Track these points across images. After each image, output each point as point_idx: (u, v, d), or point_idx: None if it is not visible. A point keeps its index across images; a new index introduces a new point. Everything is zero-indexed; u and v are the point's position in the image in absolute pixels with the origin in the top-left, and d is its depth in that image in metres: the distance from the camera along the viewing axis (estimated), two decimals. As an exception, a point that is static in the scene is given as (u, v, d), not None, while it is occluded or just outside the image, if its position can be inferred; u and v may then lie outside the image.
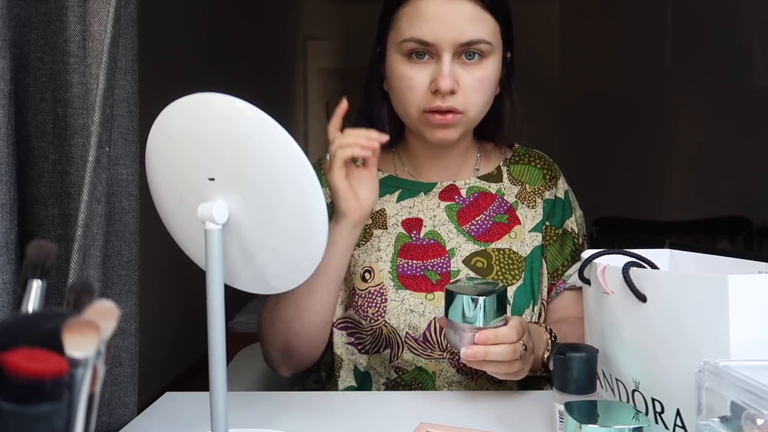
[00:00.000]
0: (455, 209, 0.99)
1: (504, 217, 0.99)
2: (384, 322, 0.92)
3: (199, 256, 0.67)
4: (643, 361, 0.63)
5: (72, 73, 0.72)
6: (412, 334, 0.92)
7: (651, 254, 0.69)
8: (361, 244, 0.97)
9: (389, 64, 0.93)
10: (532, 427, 0.75)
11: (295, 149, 0.60)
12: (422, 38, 0.87)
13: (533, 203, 1.01)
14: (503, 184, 1.02)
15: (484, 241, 0.97)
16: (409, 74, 0.90)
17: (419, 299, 0.93)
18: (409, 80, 0.90)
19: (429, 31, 0.87)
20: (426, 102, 0.89)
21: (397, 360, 0.94)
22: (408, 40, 0.89)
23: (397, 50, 0.91)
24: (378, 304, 0.93)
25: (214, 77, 3.03)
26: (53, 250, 0.50)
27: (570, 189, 1.06)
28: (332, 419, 0.80)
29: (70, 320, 0.40)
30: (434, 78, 0.88)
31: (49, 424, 0.38)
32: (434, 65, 0.89)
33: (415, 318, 0.92)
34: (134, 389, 0.81)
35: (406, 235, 0.97)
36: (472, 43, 0.87)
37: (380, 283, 0.94)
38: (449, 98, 0.88)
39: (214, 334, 0.63)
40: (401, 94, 0.91)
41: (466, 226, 0.98)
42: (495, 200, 1.01)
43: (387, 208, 1.00)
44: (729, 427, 0.47)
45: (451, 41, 0.87)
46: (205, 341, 0.63)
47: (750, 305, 0.54)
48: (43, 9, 0.72)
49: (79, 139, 0.73)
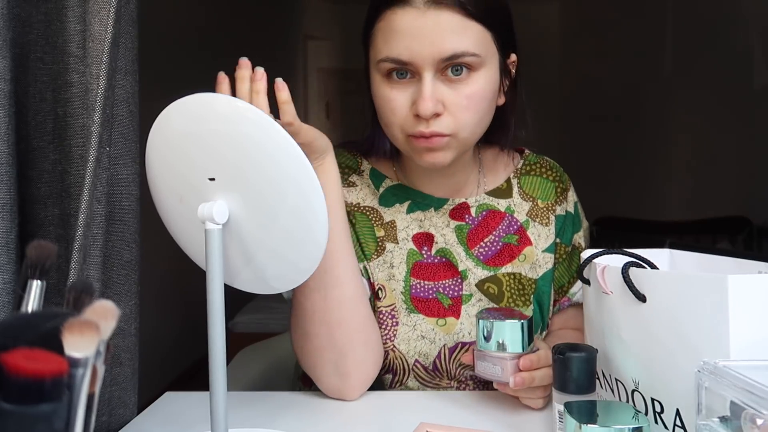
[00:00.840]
0: (465, 230, 0.94)
1: (514, 237, 0.94)
2: (393, 346, 0.89)
3: (199, 256, 0.67)
4: (642, 361, 0.63)
5: (72, 73, 0.72)
6: (422, 362, 0.89)
7: (651, 254, 0.69)
8: (374, 258, 0.92)
9: (372, 84, 0.86)
10: (532, 427, 0.75)
11: (295, 149, 0.60)
12: (397, 57, 0.79)
13: (546, 220, 0.96)
14: (513, 200, 0.97)
15: (493, 265, 0.93)
16: (389, 96, 0.82)
17: (431, 325, 0.89)
18: (389, 102, 0.82)
19: (404, 48, 0.78)
20: (409, 126, 0.81)
21: (399, 386, 0.91)
22: (383, 60, 0.80)
23: (376, 70, 0.83)
24: (389, 326, 0.89)
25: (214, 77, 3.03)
26: (53, 250, 0.50)
27: (578, 200, 1.01)
28: (332, 419, 0.80)
29: (69, 320, 0.40)
30: (415, 100, 0.80)
31: (48, 424, 0.38)
32: (416, 85, 0.80)
33: (425, 345, 0.89)
34: (134, 389, 0.81)
35: (416, 252, 0.93)
36: (455, 56, 0.78)
37: (392, 304, 0.90)
38: (433, 122, 0.80)
39: (214, 334, 0.63)
40: (384, 117, 0.84)
41: (475, 249, 0.93)
42: (504, 219, 0.95)
43: (397, 220, 0.94)
44: (728, 427, 0.47)
45: (430, 58, 0.78)
46: (205, 341, 0.63)
47: (750, 305, 0.54)
48: (44, 9, 0.72)
49: (79, 139, 0.73)
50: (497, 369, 0.76)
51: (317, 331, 0.83)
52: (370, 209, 0.95)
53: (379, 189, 0.96)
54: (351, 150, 0.99)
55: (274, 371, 1.23)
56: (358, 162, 0.98)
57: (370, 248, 0.93)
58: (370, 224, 0.94)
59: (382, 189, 0.96)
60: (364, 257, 0.92)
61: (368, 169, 0.97)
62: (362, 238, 0.93)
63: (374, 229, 0.94)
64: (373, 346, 0.86)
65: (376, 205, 0.95)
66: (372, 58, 0.84)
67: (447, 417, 0.78)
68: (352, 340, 0.83)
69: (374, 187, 0.96)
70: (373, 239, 0.93)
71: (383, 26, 0.81)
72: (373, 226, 0.94)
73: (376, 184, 0.97)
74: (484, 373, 0.78)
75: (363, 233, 0.93)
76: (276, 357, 1.26)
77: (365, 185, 0.96)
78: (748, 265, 0.68)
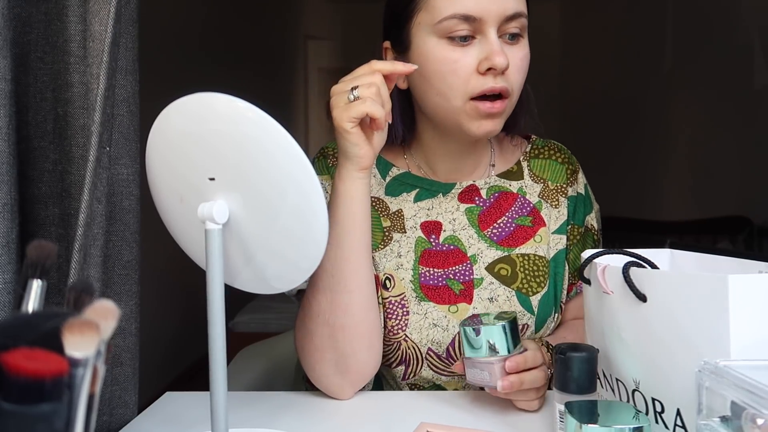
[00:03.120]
0: (476, 212, 0.94)
1: (527, 219, 0.94)
2: (405, 336, 0.88)
3: (200, 255, 0.67)
4: (643, 361, 0.63)
5: (72, 73, 0.72)
6: (435, 351, 0.88)
7: (651, 254, 0.69)
8: (380, 248, 0.92)
9: (422, 51, 0.83)
10: (532, 427, 0.75)
11: (295, 149, 0.60)
12: (467, 13, 0.79)
13: (556, 202, 0.96)
14: (524, 181, 0.97)
15: (507, 246, 0.93)
16: (453, 57, 0.81)
17: (442, 312, 0.89)
18: (453, 63, 0.81)
19: (474, 4, 0.79)
20: (475, 86, 0.81)
21: (413, 377, 0.90)
22: (449, 17, 0.80)
23: (432, 33, 0.82)
24: (399, 316, 0.89)
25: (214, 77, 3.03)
26: (53, 249, 0.50)
27: (587, 182, 1.01)
28: (332, 419, 0.80)
29: (70, 320, 0.40)
30: (484, 57, 0.80)
31: (49, 424, 0.37)
32: (478, 46, 0.81)
33: (438, 333, 0.88)
34: (135, 389, 0.81)
35: (425, 239, 0.92)
36: (517, 15, 0.81)
37: (401, 293, 0.90)
38: (500, 78, 0.81)
39: (215, 333, 0.63)
40: (443, 82, 0.82)
41: (488, 230, 0.93)
42: (517, 200, 0.95)
43: (404, 209, 0.94)
44: (729, 427, 0.47)
45: (497, 14, 0.80)
46: (205, 341, 0.63)
47: (750, 305, 0.54)
48: (44, 9, 0.72)
49: (79, 139, 0.73)
50: (485, 374, 0.76)
51: (320, 331, 0.83)
52: (376, 200, 0.95)
53: (385, 178, 0.96)
54: None
55: (275, 371, 1.23)
56: None
57: (376, 238, 0.92)
58: (376, 215, 0.94)
59: (388, 178, 0.96)
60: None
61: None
62: None
63: (380, 220, 0.94)
64: (377, 350, 0.86)
65: (382, 195, 0.95)
66: (425, 21, 0.83)
67: (447, 417, 0.78)
68: (356, 345, 0.83)
69: (381, 176, 0.97)
70: (380, 229, 0.93)
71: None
72: (380, 216, 0.94)
73: (382, 173, 0.97)
74: (474, 380, 0.77)
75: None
76: (276, 357, 1.26)
77: (371, 175, 0.95)
78: (748, 265, 0.67)
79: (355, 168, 0.80)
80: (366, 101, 0.75)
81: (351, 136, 0.78)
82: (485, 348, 0.75)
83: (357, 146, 0.78)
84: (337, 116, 0.77)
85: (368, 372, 0.86)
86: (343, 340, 0.82)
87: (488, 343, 0.75)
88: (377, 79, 0.77)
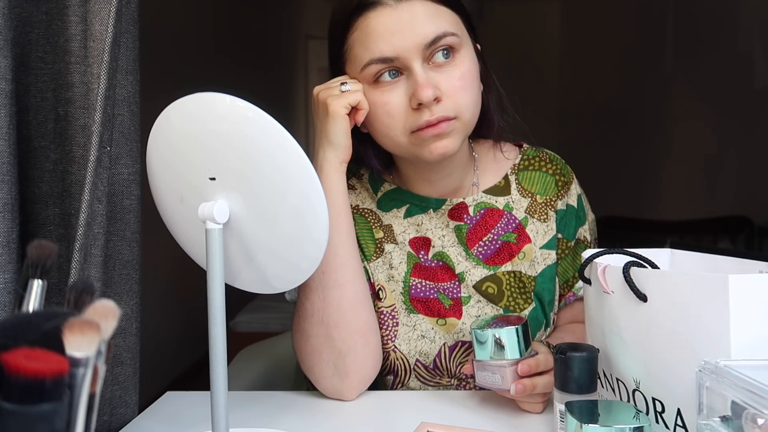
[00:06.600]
0: (464, 230, 0.93)
1: (513, 236, 0.93)
2: (393, 346, 0.89)
3: (200, 255, 0.67)
4: (643, 361, 0.63)
5: (73, 73, 0.72)
6: (422, 362, 0.89)
7: (651, 254, 0.69)
8: (374, 259, 0.92)
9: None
10: (532, 427, 0.75)
11: (295, 149, 0.60)
12: (382, 55, 0.79)
13: (545, 216, 0.94)
14: (511, 197, 0.95)
15: (493, 264, 0.92)
16: (383, 100, 0.81)
17: (430, 324, 0.90)
18: (384, 106, 0.81)
19: (387, 45, 0.78)
20: (412, 123, 0.80)
21: (401, 387, 0.91)
22: (368, 64, 0.80)
23: (362, 80, 0.83)
24: (389, 327, 0.90)
25: (214, 77, 3.04)
26: (54, 249, 0.50)
27: (582, 192, 0.99)
28: (332, 419, 0.80)
29: (70, 320, 0.40)
30: (411, 93, 0.79)
31: (49, 423, 0.38)
32: (406, 81, 0.80)
33: (426, 344, 0.89)
34: (135, 389, 0.81)
35: (414, 255, 0.93)
36: (438, 38, 0.79)
37: (392, 304, 0.91)
38: (436, 108, 0.79)
39: (215, 333, 0.63)
40: (381, 124, 0.83)
41: (475, 248, 0.92)
42: (503, 217, 0.94)
43: (394, 225, 0.94)
44: (729, 427, 0.47)
45: (415, 47, 0.78)
46: (205, 341, 0.63)
47: (750, 305, 0.54)
48: (45, 8, 0.72)
49: (80, 139, 0.73)
50: (497, 377, 0.76)
51: (316, 331, 0.83)
52: (369, 211, 0.95)
53: (377, 193, 0.97)
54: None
55: (275, 371, 1.23)
56: (357, 166, 0.98)
57: (369, 249, 0.93)
58: (369, 226, 0.94)
59: (380, 193, 0.96)
60: (364, 258, 0.93)
61: (367, 173, 0.98)
62: (362, 240, 0.93)
63: (373, 231, 0.94)
64: (374, 347, 0.86)
65: (375, 208, 0.96)
66: (352, 71, 0.84)
67: (447, 417, 0.78)
68: (352, 342, 0.83)
69: (372, 191, 0.97)
70: (373, 241, 0.94)
71: (358, 35, 0.81)
72: (372, 228, 0.94)
73: (374, 188, 0.97)
74: (485, 382, 0.77)
75: (363, 235, 0.93)
76: (277, 357, 1.26)
77: (364, 189, 0.97)
78: (749, 265, 0.67)
79: (338, 159, 0.83)
80: (357, 93, 0.82)
81: (345, 123, 0.82)
82: (497, 351, 0.76)
83: (346, 135, 0.83)
84: (332, 103, 0.82)
85: (367, 372, 0.86)
86: (338, 337, 0.82)
87: (499, 346, 0.75)
88: (359, 84, 0.83)
